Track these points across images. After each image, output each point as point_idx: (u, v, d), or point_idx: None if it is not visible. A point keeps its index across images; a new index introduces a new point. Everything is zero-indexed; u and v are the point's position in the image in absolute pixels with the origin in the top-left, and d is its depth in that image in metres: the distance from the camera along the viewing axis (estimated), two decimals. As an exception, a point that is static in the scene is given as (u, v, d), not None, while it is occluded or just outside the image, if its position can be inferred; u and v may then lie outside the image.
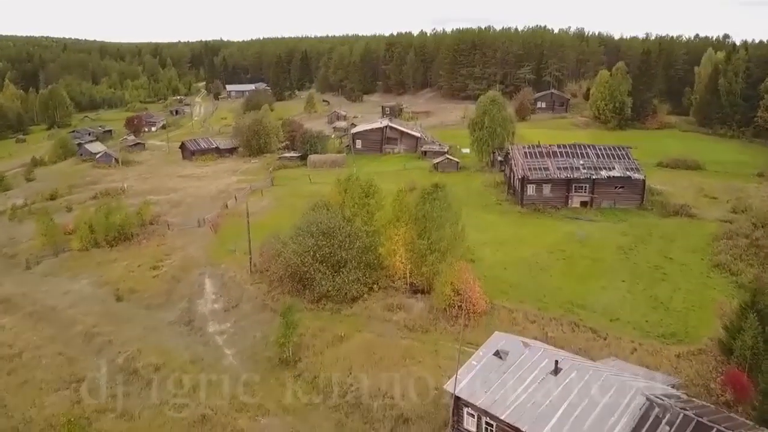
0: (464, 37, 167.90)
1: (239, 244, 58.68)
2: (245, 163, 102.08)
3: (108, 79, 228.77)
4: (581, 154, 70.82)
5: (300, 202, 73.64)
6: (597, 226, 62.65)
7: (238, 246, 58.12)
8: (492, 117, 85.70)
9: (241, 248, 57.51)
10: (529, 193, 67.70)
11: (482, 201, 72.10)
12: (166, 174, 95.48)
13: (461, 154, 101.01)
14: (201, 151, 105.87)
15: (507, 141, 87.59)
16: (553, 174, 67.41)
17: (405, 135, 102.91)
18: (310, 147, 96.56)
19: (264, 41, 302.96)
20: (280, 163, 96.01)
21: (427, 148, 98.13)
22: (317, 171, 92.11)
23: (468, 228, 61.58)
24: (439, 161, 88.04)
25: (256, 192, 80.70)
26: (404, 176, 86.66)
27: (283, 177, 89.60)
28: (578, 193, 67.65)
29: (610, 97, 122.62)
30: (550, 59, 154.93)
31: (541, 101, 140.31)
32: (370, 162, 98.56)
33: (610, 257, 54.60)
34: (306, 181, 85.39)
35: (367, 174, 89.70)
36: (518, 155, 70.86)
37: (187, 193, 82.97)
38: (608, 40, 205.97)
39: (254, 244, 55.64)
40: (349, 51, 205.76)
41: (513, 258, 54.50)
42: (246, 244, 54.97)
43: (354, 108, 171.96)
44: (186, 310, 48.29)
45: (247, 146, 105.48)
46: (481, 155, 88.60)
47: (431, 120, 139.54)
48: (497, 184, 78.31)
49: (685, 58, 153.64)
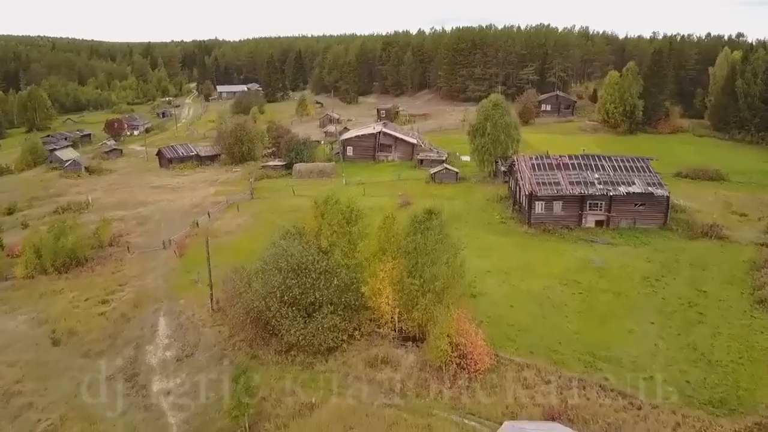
0: (464, 36, 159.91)
1: (204, 273, 50.72)
2: (227, 171, 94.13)
3: (95, 80, 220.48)
4: (596, 166, 62.87)
5: (280, 219, 65.77)
6: (616, 251, 54.75)
7: (202, 276, 50.14)
8: (495, 123, 77.77)
9: (206, 278, 49.64)
10: (537, 211, 59.79)
11: (484, 218, 64.18)
12: (139, 184, 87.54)
13: (461, 162, 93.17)
14: (179, 159, 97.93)
15: (511, 149, 79.66)
16: (565, 189, 59.47)
17: (400, 141, 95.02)
18: (295, 155, 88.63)
19: (258, 41, 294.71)
20: (263, 172, 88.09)
21: (424, 156, 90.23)
22: (303, 181, 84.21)
23: (468, 252, 53.67)
24: (437, 171, 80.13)
25: (234, 206, 72.86)
26: (398, 187, 78.99)
27: (264, 188, 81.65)
28: (593, 211, 59.72)
29: (620, 99, 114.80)
30: (554, 59, 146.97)
31: (545, 104, 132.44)
32: (362, 171, 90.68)
33: (634, 291, 46.72)
34: (289, 193, 77.49)
35: (357, 184, 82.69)
36: (525, 167, 62.92)
37: (158, 207, 75.04)
38: (613, 40, 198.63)
39: (222, 271, 47.93)
40: (344, 50, 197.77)
41: (521, 292, 46.62)
42: (213, 274, 47.21)
43: (349, 110, 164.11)
44: (131, 359, 40.32)
45: (230, 153, 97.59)
46: (482, 165, 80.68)
47: (429, 123, 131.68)
48: (500, 199, 70.35)
49: (696, 58, 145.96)
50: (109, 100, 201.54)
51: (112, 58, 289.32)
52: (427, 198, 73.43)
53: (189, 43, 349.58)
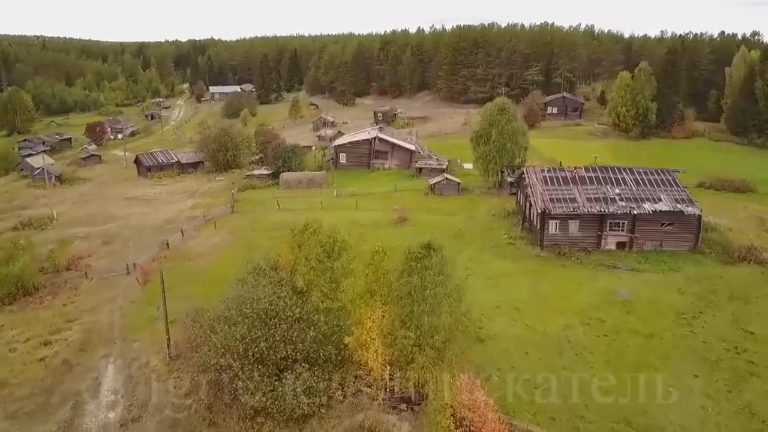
0: (465, 34, 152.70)
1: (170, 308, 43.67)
2: (209, 181, 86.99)
3: (82, 81, 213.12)
4: (616, 180, 55.75)
5: (262, 239, 58.76)
6: (642, 280, 47.65)
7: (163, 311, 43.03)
8: (501, 129, 70.68)
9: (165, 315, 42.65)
10: (550, 232, 52.70)
11: (490, 238, 57.03)
12: (112, 196, 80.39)
13: (463, 170, 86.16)
14: (158, 167, 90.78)
15: (518, 158, 72.58)
16: (582, 207, 52.36)
17: (397, 148, 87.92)
18: (282, 163, 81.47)
19: (253, 40, 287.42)
20: (248, 182, 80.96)
21: (423, 164, 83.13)
22: (291, 192, 77.11)
23: (474, 280, 46.77)
24: (437, 182, 73.06)
25: (212, 222, 65.78)
26: (394, 200, 71.92)
27: (248, 201, 74.53)
28: (614, 231, 52.62)
29: (632, 102, 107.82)
30: (560, 59, 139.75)
31: (551, 106, 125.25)
32: (355, 180, 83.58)
33: (668, 332, 39.62)
34: (274, 206, 70.37)
35: (349, 196, 75.30)
36: (536, 180, 55.81)
37: (129, 222, 67.93)
38: (619, 39, 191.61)
39: (190, 304, 41.15)
40: (341, 50, 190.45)
41: (536, 334, 39.54)
42: (177, 307, 40.32)
43: (345, 112, 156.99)
44: (65, 424, 33.17)
45: (213, 161, 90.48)
46: (486, 174, 73.59)
47: (428, 127, 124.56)
48: (508, 214, 63.21)
49: (709, 58, 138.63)
50: (97, 101, 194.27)
51: (104, 58, 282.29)
52: (426, 212, 66.49)
53: (184, 43, 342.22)
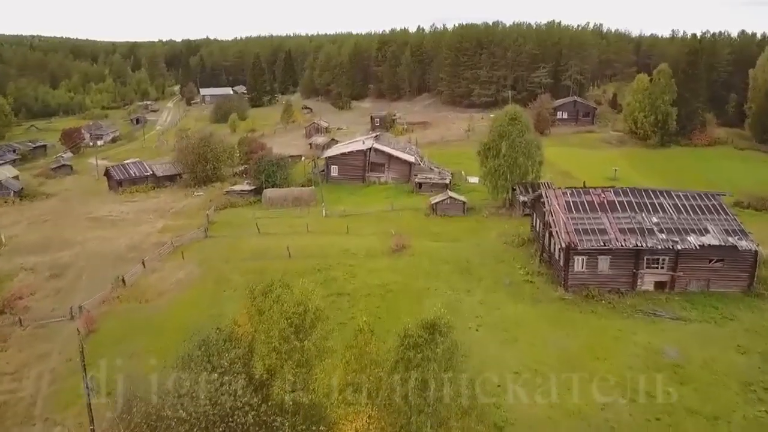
0: (468, 34, 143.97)
1: (106, 373, 35.18)
2: (186, 196, 78.39)
3: (67, 82, 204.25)
4: (653, 205, 47.12)
5: (234, 273, 50.30)
6: (691, 332, 39.05)
7: (98, 380, 34.48)
8: (512, 142, 62.12)
9: (106, 379, 34.19)
10: (576, 269, 44.11)
11: (503, 273, 48.37)
12: (75, 215, 71.77)
13: (468, 185, 77.65)
14: (131, 180, 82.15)
15: (531, 174, 64.02)
16: (615, 240, 43.73)
17: (394, 160, 79.35)
18: (266, 177, 72.80)
19: (247, 40, 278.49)
20: (227, 199, 72.30)
21: (423, 178, 74.55)
22: (275, 212, 68.52)
23: (485, 333, 38.60)
24: (440, 201, 64.50)
25: (181, 251, 57.23)
26: (391, 221, 63.39)
27: (225, 222, 65.89)
28: (652, 269, 44.02)
29: (651, 107, 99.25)
30: (570, 60, 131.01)
31: (561, 111, 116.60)
32: (348, 196, 75.03)
33: (738, 412, 31.07)
34: (254, 229, 61.65)
35: (340, 216, 66.12)
36: (557, 207, 47.18)
37: (86, 249, 59.35)
38: (627, 38, 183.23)
39: (135, 363, 33.09)
40: (337, 50, 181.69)
41: (568, 415, 30.99)
42: (120, 369, 32.06)
43: (340, 117, 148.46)
44: None
45: (192, 173, 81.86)
46: (495, 192, 65.05)
47: (429, 134, 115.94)
48: (522, 242, 54.51)
49: (728, 59, 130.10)
50: (82, 104, 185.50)
51: (94, 59, 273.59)
52: (427, 238, 57.89)
53: (178, 43, 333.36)
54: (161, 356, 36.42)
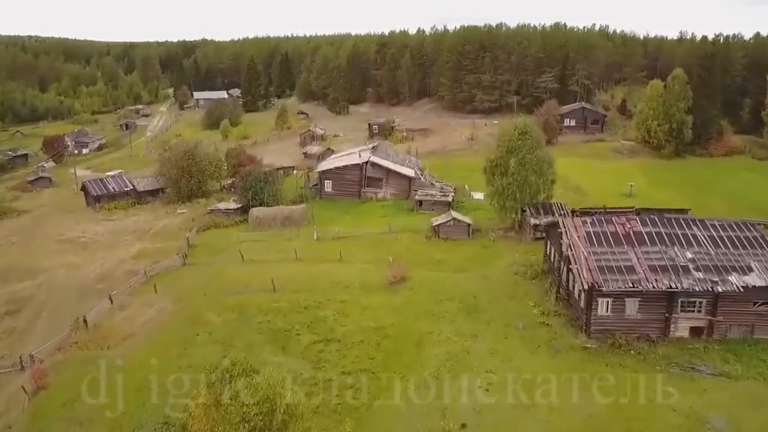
0: (470, 36, 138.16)
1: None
2: (168, 214, 72.67)
3: (57, 86, 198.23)
4: (685, 237, 41.44)
5: (212, 311, 44.62)
6: (737, 392, 33.38)
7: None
8: (522, 159, 56.44)
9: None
10: (600, 313, 38.44)
11: (515, 313, 42.66)
12: (45, 236, 66.07)
13: (472, 201, 72.00)
14: (109, 196, 76.36)
15: (543, 193, 58.34)
16: (645, 281, 38.03)
17: (393, 174, 73.68)
18: (253, 195, 67.05)
19: (243, 41, 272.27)
20: (211, 219, 66.57)
21: (424, 195, 68.86)
22: (263, 234, 62.78)
23: (497, 393, 33.11)
24: (442, 223, 58.78)
25: (154, 284, 51.59)
26: (388, 246, 57.69)
27: (207, 246, 60.17)
28: (687, 312, 38.33)
29: (665, 115, 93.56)
30: (577, 63, 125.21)
31: (569, 118, 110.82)
32: (342, 215, 69.32)
33: None
34: (238, 255, 55.88)
35: (333, 239, 59.74)
36: (577, 239, 41.47)
37: (52, 279, 53.72)
38: (633, 40, 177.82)
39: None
40: (335, 52, 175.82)
41: None
42: None
43: (337, 123, 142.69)
44: None
45: (175, 188, 76.16)
46: (503, 212, 59.36)
47: (430, 142, 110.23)
48: (536, 274, 48.73)
49: (743, 63, 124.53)
50: (71, 108, 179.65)
51: (87, 60, 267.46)
52: (429, 267, 52.16)
53: (174, 43, 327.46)
54: (113, 429, 30.94)
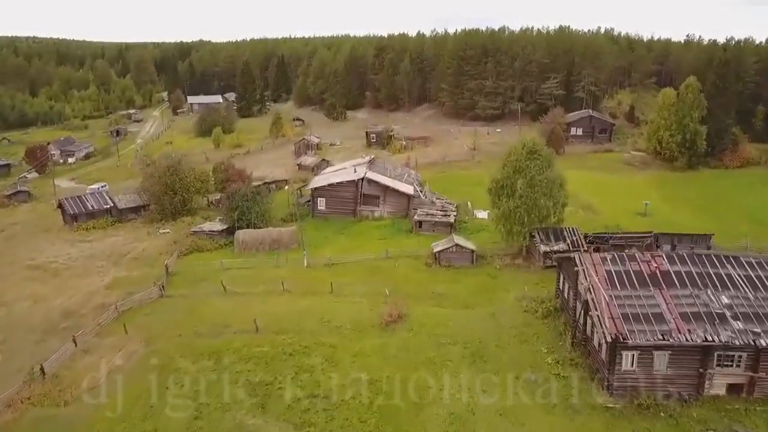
0: (472, 40, 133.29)
1: None
2: (150, 234, 67.82)
3: (48, 90, 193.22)
4: (719, 277, 36.62)
5: (187, 358, 39.78)
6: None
7: None
8: (531, 180, 51.75)
9: None
10: (624, 368, 33.62)
11: (525, 360, 37.84)
12: (14, 260, 61.11)
13: (475, 220, 67.23)
14: (87, 214, 71.52)
15: (554, 217, 53.59)
16: (676, 332, 33.22)
17: (390, 191, 68.85)
18: (240, 215, 62.18)
19: (239, 43, 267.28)
20: (194, 241, 61.70)
21: (424, 215, 64.01)
22: (248, 260, 57.93)
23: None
24: (444, 249, 53.92)
25: (136, 314, 46.83)
26: (385, 276, 52.87)
27: (187, 275, 55.23)
28: (725, 367, 33.54)
29: (678, 125, 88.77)
30: (583, 69, 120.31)
31: (576, 126, 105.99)
32: (335, 238, 64.48)
33: None
34: (220, 285, 51.01)
35: (325, 266, 54.33)
36: (597, 281, 36.65)
37: (13, 314, 48.88)
38: (641, 43, 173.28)
39: None
40: (332, 56, 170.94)
41: None
42: None
43: (334, 129, 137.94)
44: None
45: (159, 205, 71.35)
46: (510, 237, 54.57)
47: (430, 152, 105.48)
48: (548, 312, 43.91)
49: (755, 68, 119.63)
50: (62, 113, 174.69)
51: (81, 62, 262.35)
52: (429, 302, 47.32)
53: (170, 45, 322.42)
54: None
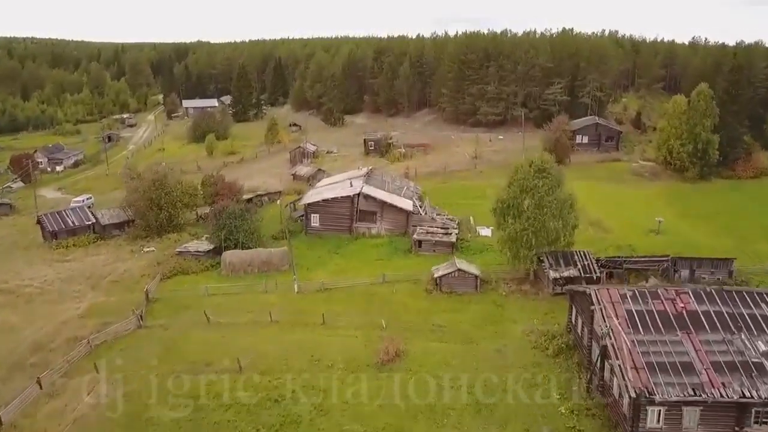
0: (473, 44, 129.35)
1: None
2: (134, 252, 63.95)
3: (40, 93, 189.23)
4: (753, 318, 32.78)
5: (163, 405, 35.82)
6: None
7: None
8: (539, 200, 47.95)
9: None
10: (650, 425, 29.81)
11: (537, 410, 33.99)
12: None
13: (478, 239, 63.41)
14: (68, 231, 67.70)
15: (563, 239, 49.75)
16: (709, 386, 29.39)
17: (388, 207, 64.98)
18: (227, 235, 58.27)
19: (237, 45, 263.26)
20: (178, 262, 57.78)
21: (424, 234, 60.14)
22: (236, 283, 54.10)
23: None
24: (445, 274, 50.05)
25: (110, 349, 43.04)
26: (381, 302, 49.08)
27: (169, 301, 51.32)
28: (763, 425, 29.72)
29: (689, 134, 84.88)
30: (589, 74, 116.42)
31: (581, 134, 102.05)
32: (330, 256, 60.61)
33: None
34: (204, 314, 47.16)
35: (318, 292, 49.10)
36: (617, 323, 32.80)
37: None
38: (644, 45, 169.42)
39: None
40: (329, 59, 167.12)
41: None
42: None
43: (331, 135, 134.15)
44: None
45: (144, 221, 67.55)
46: (516, 261, 50.71)
47: (430, 161, 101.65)
48: (559, 350, 40.05)
49: (765, 73, 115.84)
50: (54, 117, 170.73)
51: (76, 64, 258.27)
52: (429, 337, 43.46)
53: (168, 46, 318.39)
54: None
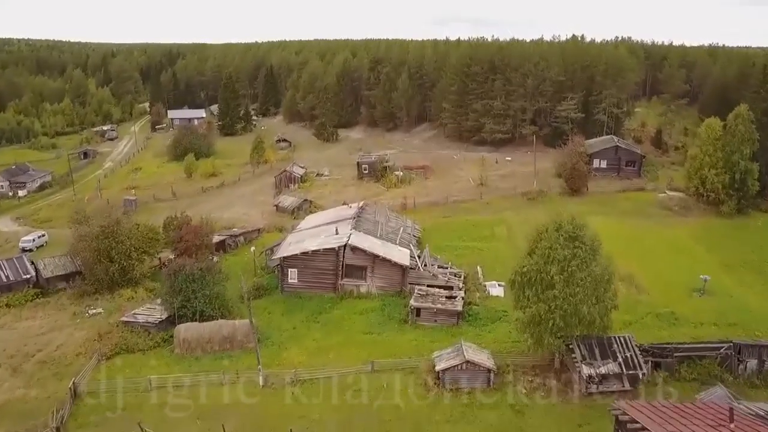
0: (478, 54, 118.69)
1: None
2: (76, 315, 53.42)
3: (17, 103, 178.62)
4: None
5: None
6: None
7: None
8: (570, 275, 37.46)
9: None
10: None
11: None
12: None
13: (487, 300, 52.89)
14: (3, 287, 57.15)
15: (599, 323, 39.19)
16: None
17: (380, 261, 54.37)
18: (183, 302, 47.80)
19: (228, 48, 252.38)
20: (122, 337, 47.16)
21: (423, 299, 49.57)
22: (190, 367, 43.61)
23: None
24: (449, 367, 39.47)
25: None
26: (367, 404, 38.44)
27: (102, 397, 40.72)
28: None
29: (725, 163, 74.46)
30: (605, 89, 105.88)
31: (599, 158, 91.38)
32: (308, 326, 50.00)
33: None
34: (144, 418, 36.56)
35: (290, 385, 34.48)
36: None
37: None
38: (658, 50, 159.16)
39: None
40: (323, 68, 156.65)
41: None
42: None
43: (324, 153, 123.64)
44: None
45: (92, 275, 57.04)
46: (540, 347, 40.15)
47: (431, 188, 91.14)
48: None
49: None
50: (30, 129, 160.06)
51: (62, 69, 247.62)
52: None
53: (158, 50, 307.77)
54: None
